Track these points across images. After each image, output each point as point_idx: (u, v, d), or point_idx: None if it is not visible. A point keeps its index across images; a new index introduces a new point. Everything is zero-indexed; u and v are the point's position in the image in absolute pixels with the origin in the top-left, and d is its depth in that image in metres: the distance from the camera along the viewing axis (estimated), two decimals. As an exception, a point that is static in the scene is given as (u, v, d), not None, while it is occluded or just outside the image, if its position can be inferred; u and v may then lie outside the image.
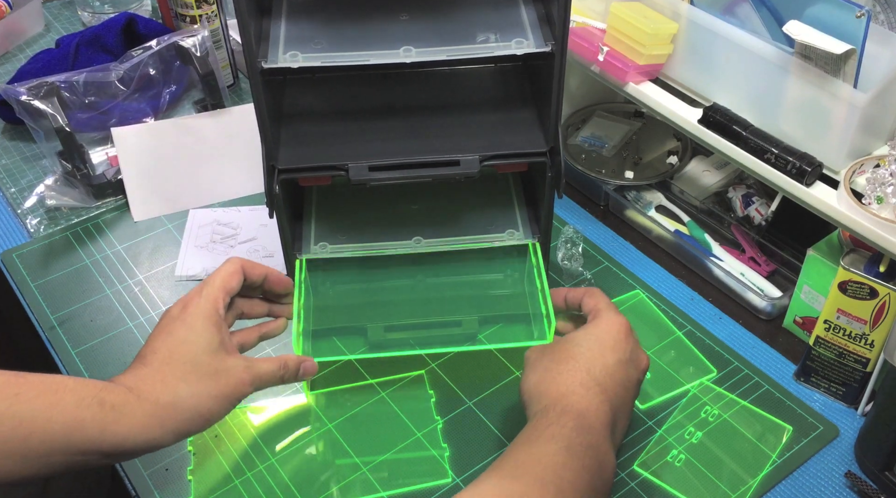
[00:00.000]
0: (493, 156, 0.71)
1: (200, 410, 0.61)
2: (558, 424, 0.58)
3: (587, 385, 0.62)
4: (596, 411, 0.60)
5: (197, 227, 0.96)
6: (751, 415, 0.76)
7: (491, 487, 0.55)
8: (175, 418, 0.60)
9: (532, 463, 0.56)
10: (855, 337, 0.73)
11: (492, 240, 0.79)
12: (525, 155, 0.73)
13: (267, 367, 0.65)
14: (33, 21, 1.36)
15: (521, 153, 0.72)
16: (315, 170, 0.72)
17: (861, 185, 0.70)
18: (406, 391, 0.79)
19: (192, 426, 0.61)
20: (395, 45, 0.68)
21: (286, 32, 0.71)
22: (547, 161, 0.72)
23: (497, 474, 0.56)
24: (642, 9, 0.82)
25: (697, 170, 0.99)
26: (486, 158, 0.71)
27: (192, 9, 1.12)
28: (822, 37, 0.67)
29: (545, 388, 0.63)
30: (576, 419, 0.59)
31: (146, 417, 0.59)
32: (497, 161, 0.72)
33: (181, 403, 0.60)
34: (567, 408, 0.60)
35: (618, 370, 0.64)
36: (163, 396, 0.59)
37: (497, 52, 0.69)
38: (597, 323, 0.67)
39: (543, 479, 0.54)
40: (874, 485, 0.70)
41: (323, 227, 0.81)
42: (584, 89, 1.06)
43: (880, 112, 0.71)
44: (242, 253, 0.92)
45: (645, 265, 0.92)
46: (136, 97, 1.09)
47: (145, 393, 0.59)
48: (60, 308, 0.88)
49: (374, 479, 0.71)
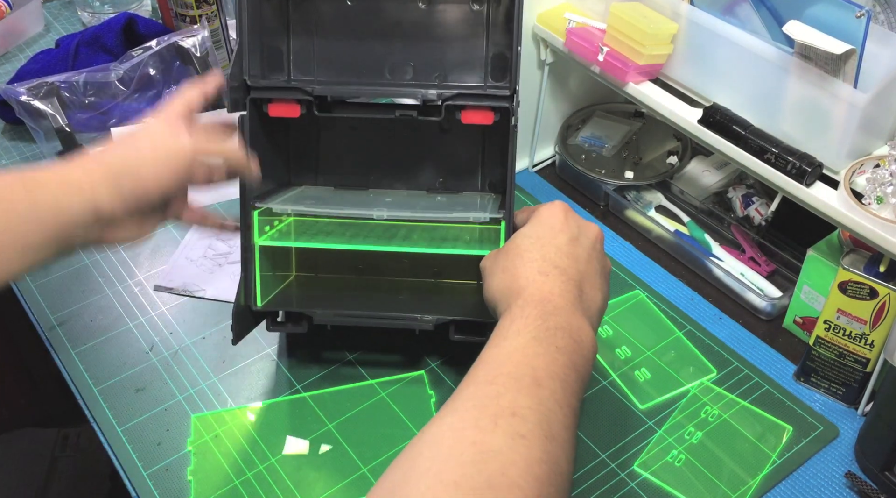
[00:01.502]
0: (456, 95, 0.73)
1: (128, 158, 0.62)
2: (522, 318, 0.57)
3: (545, 271, 0.61)
4: (560, 292, 0.59)
5: (196, 239, 0.96)
6: (751, 415, 0.76)
7: (468, 397, 0.53)
8: (106, 173, 0.61)
9: (503, 362, 0.55)
10: (855, 337, 0.73)
11: (458, 220, 0.79)
12: (489, 97, 0.73)
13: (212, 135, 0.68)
14: (33, 21, 1.36)
15: (483, 95, 0.73)
16: (283, 90, 0.74)
17: (861, 186, 0.70)
18: (406, 391, 0.79)
19: (126, 182, 0.62)
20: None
21: None
22: (511, 106, 0.72)
23: (472, 383, 0.54)
24: (642, 9, 0.82)
25: (697, 170, 0.99)
26: (448, 98, 0.72)
27: (192, 9, 1.12)
28: (822, 37, 0.67)
29: (506, 287, 0.62)
30: (538, 307, 0.58)
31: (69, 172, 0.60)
32: (459, 100, 0.73)
33: (114, 160, 0.62)
34: (528, 300, 0.59)
35: (571, 247, 0.63)
36: (90, 162, 0.61)
37: None
38: (537, 215, 0.66)
39: (516, 373, 0.53)
40: (874, 485, 0.70)
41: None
42: (584, 89, 1.06)
43: (880, 112, 0.71)
44: (228, 273, 0.91)
45: (645, 265, 0.92)
46: (136, 97, 1.09)
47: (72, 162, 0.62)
48: (60, 308, 0.88)
49: (375, 479, 0.71)
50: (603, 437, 0.75)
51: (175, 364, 0.82)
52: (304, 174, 0.85)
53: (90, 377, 0.81)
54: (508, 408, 0.50)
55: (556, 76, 1.00)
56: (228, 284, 0.90)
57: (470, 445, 0.47)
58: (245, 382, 0.80)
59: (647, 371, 0.80)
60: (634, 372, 0.80)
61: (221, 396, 0.79)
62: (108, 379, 0.81)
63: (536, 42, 0.95)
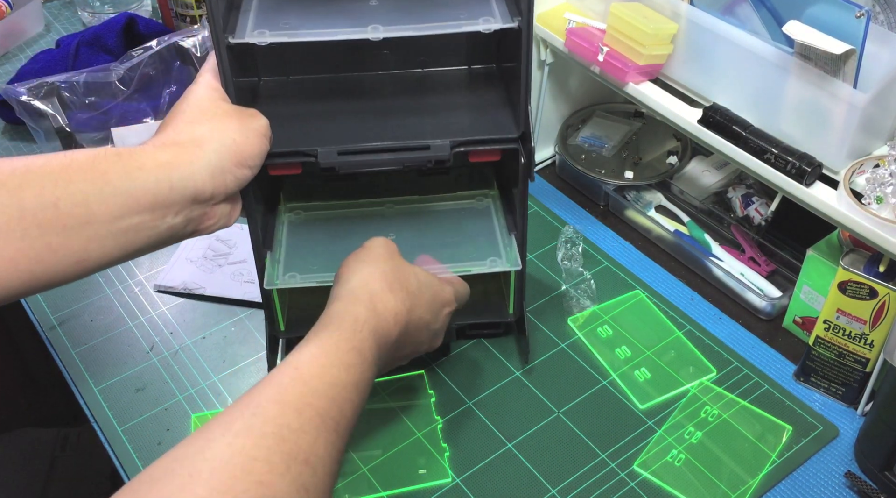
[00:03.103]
0: (465, 142, 0.71)
1: (225, 140, 0.59)
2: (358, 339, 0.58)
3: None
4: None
5: (196, 239, 0.96)
6: (750, 415, 0.76)
7: (272, 417, 0.48)
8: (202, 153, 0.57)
9: (318, 392, 0.53)
10: (855, 337, 0.73)
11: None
12: (496, 141, 0.72)
13: None
14: (33, 21, 1.36)
15: (492, 139, 0.72)
16: (284, 156, 0.70)
17: (861, 186, 0.70)
18: (406, 391, 0.79)
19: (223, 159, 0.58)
20: (363, 24, 0.68)
21: (256, 14, 0.71)
22: (519, 147, 0.72)
23: (281, 400, 0.50)
24: (642, 9, 0.82)
25: (697, 170, 1.00)
26: (458, 144, 0.71)
27: (192, 9, 1.12)
28: (821, 37, 0.67)
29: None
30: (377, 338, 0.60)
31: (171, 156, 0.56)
32: (468, 147, 0.72)
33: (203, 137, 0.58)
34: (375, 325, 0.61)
35: None
36: (181, 136, 0.58)
37: (465, 29, 0.69)
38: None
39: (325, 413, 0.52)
40: (874, 485, 0.70)
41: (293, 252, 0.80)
42: (584, 89, 1.06)
43: (880, 112, 0.71)
44: (227, 274, 0.91)
45: (645, 265, 0.92)
46: (136, 97, 1.09)
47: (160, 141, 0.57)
48: (60, 308, 0.88)
49: (374, 479, 0.71)
50: (603, 437, 0.75)
51: (175, 364, 0.82)
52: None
53: (90, 377, 0.81)
54: (305, 452, 0.47)
55: (556, 76, 1.00)
56: (228, 283, 0.90)
57: (255, 485, 0.44)
58: (245, 381, 0.80)
59: (646, 371, 0.80)
60: (634, 372, 0.80)
61: (221, 396, 0.79)
62: (108, 379, 0.81)
63: (536, 42, 0.95)
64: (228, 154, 0.59)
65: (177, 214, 0.57)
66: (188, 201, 0.57)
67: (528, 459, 0.73)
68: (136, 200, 0.54)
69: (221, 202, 0.61)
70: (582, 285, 0.89)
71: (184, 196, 0.56)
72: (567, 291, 0.88)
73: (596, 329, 0.85)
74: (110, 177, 0.53)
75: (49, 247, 0.50)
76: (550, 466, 0.72)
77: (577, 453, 0.73)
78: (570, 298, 0.88)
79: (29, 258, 0.50)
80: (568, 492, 0.71)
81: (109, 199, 0.53)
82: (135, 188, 0.54)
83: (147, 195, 0.54)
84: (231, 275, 0.91)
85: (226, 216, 0.62)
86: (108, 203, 0.53)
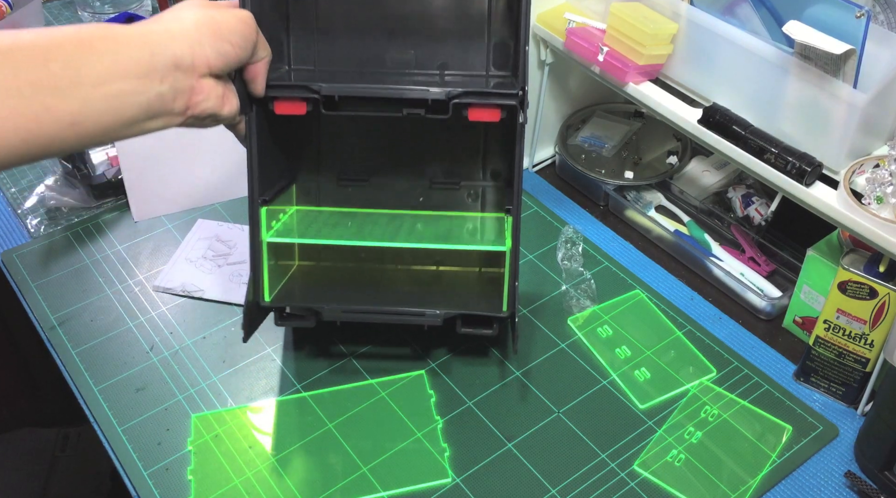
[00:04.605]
0: (464, 93, 0.72)
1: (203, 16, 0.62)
2: None
3: None
4: None
5: (196, 239, 0.96)
6: (750, 415, 0.76)
7: None
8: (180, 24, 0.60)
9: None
10: (855, 337, 0.73)
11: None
12: (496, 94, 0.73)
13: None
14: (33, 21, 1.36)
15: (492, 93, 0.73)
16: (289, 88, 0.73)
17: (861, 186, 0.70)
18: (406, 391, 0.79)
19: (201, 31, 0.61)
20: None
21: None
22: (517, 104, 0.72)
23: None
24: (642, 9, 0.82)
25: (697, 170, 1.00)
26: (455, 96, 0.72)
27: (192, 9, 1.12)
28: (821, 37, 0.67)
29: None
30: None
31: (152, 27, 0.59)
32: (466, 99, 0.72)
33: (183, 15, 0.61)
34: None
35: None
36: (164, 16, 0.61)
37: None
38: None
39: None
40: (874, 485, 0.70)
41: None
42: (584, 89, 1.06)
43: (880, 112, 0.71)
44: (226, 274, 0.91)
45: (645, 265, 0.92)
46: (136, 97, 1.09)
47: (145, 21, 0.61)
48: (60, 308, 0.88)
49: (374, 479, 0.71)
50: (603, 437, 0.75)
51: (175, 364, 0.82)
52: (306, 167, 0.85)
53: (90, 377, 0.81)
54: None
55: (556, 76, 1.00)
56: (228, 284, 0.90)
57: None
58: (245, 381, 0.80)
59: (646, 371, 0.80)
60: (634, 372, 0.80)
61: (221, 396, 0.79)
62: (108, 379, 0.81)
63: (536, 42, 0.95)
64: (206, 27, 0.62)
65: (162, 82, 0.59)
66: (170, 67, 0.59)
67: (528, 459, 0.73)
68: (121, 65, 0.57)
69: (210, 79, 0.63)
70: (582, 285, 0.89)
71: (165, 62, 0.59)
72: (567, 291, 0.89)
73: (596, 329, 0.85)
74: (96, 45, 0.56)
75: (44, 105, 0.53)
76: (550, 466, 0.72)
77: (577, 453, 0.73)
78: (570, 298, 0.88)
79: (26, 117, 0.53)
80: (568, 492, 0.71)
81: (96, 64, 0.56)
82: (118, 53, 0.57)
83: (130, 61, 0.57)
84: (230, 276, 0.91)
85: (217, 97, 0.63)
86: (95, 67, 0.56)
